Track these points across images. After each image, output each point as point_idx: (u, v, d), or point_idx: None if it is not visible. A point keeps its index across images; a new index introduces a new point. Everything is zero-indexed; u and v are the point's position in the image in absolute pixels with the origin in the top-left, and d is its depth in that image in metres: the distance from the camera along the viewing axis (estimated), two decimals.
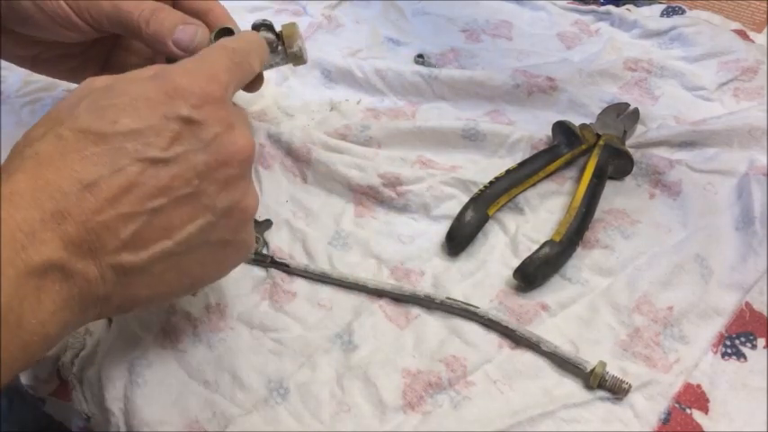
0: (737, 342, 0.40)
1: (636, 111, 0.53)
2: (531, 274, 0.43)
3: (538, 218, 0.48)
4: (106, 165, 0.29)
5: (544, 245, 0.43)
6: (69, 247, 0.28)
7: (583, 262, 0.45)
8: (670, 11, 0.63)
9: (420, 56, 0.60)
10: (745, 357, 0.40)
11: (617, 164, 0.49)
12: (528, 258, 0.43)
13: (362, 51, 0.62)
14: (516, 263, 0.43)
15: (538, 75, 0.55)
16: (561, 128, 0.50)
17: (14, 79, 0.58)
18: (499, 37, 0.63)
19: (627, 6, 0.65)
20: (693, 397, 0.38)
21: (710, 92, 0.56)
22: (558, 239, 0.44)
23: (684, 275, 0.43)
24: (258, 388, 0.39)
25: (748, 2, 0.63)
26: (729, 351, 0.40)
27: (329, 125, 0.53)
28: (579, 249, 0.45)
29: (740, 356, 0.40)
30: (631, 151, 0.49)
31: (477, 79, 0.56)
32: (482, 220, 0.46)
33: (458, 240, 0.45)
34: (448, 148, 0.52)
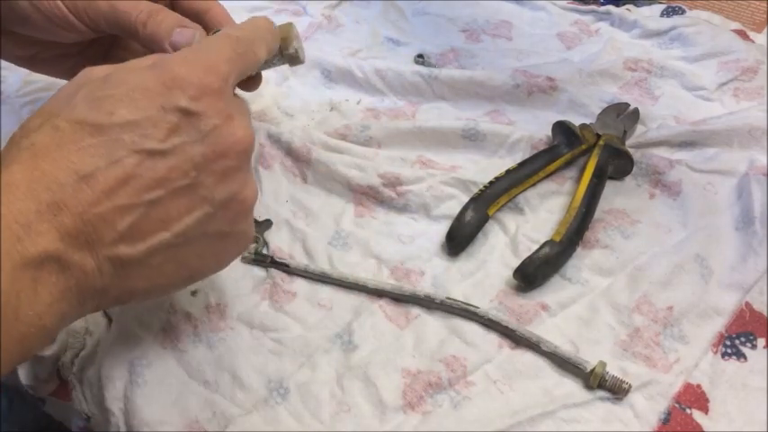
0: (737, 342, 0.40)
1: (636, 111, 0.53)
2: (531, 274, 0.43)
3: (538, 218, 0.48)
4: (103, 156, 0.28)
5: (544, 245, 0.43)
6: (66, 239, 0.27)
7: (583, 262, 0.45)
8: (670, 11, 0.63)
9: (420, 56, 0.60)
10: (745, 357, 0.40)
11: (617, 164, 0.49)
12: (528, 258, 0.43)
13: (362, 51, 0.62)
14: (516, 263, 0.43)
15: (538, 75, 0.55)
16: (561, 128, 0.50)
17: (14, 79, 0.58)
18: (499, 37, 0.63)
19: (627, 6, 0.65)
20: (693, 397, 0.38)
21: (710, 92, 0.56)
22: (558, 239, 0.44)
23: (684, 275, 0.43)
24: (258, 388, 0.39)
25: (748, 2, 0.63)
26: (729, 351, 0.40)
27: (329, 125, 0.53)
28: (579, 249, 0.45)
29: (740, 356, 0.40)
30: (631, 151, 0.49)
31: (477, 79, 0.56)
32: (482, 220, 0.46)
33: (458, 240, 0.45)
34: (448, 148, 0.52)
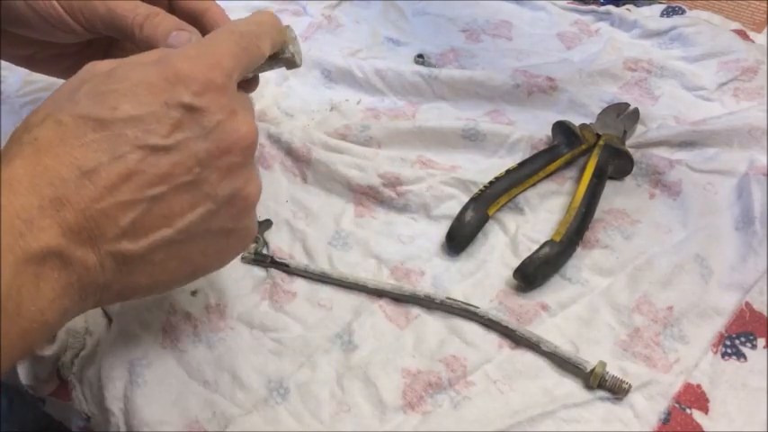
0: (737, 342, 0.40)
1: (636, 111, 0.53)
2: (531, 274, 0.43)
3: (538, 218, 0.48)
4: (106, 152, 0.28)
5: (544, 245, 0.43)
6: (68, 235, 0.27)
7: (583, 262, 0.45)
8: (670, 11, 0.63)
9: (420, 56, 0.60)
10: (745, 357, 0.40)
11: (617, 164, 0.49)
12: (528, 258, 0.43)
13: (362, 51, 0.62)
14: (516, 263, 0.43)
15: (538, 75, 0.55)
16: (561, 128, 0.50)
17: (14, 79, 0.58)
18: (499, 37, 0.63)
19: (627, 6, 0.65)
20: (693, 397, 0.38)
21: (710, 92, 0.56)
22: (558, 239, 0.44)
23: (684, 275, 0.43)
24: (258, 388, 0.39)
25: (748, 2, 0.63)
26: (729, 351, 0.40)
27: (329, 125, 0.53)
28: (579, 249, 0.45)
29: (740, 356, 0.40)
30: (631, 151, 0.49)
31: (477, 79, 0.56)
32: (482, 220, 0.46)
33: (458, 240, 0.45)
34: (448, 148, 0.52)
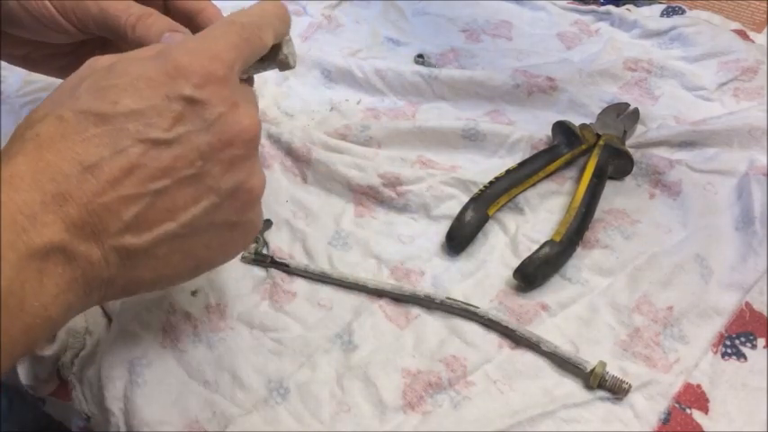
0: (737, 342, 0.40)
1: (636, 111, 0.53)
2: (531, 274, 0.43)
3: (538, 218, 0.48)
4: (107, 146, 0.28)
5: (544, 245, 0.43)
6: (71, 230, 0.27)
7: (583, 262, 0.45)
8: (670, 11, 0.63)
9: (420, 56, 0.60)
10: (745, 357, 0.40)
11: (617, 164, 0.49)
12: (528, 258, 0.43)
13: (362, 51, 0.62)
14: (516, 263, 0.43)
15: (538, 75, 0.55)
16: (561, 128, 0.50)
17: (14, 79, 0.58)
18: (499, 37, 0.63)
19: (627, 6, 0.65)
20: (693, 397, 0.38)
21: (710, 92, 0.56)
22: (558, 239, 0.44)
23: (684, 275, 0.43)
24: (258, 388, 0.39)
25: (748, 2, 0.63)
26: (729, 351, 0.40)
27: (329, 125, 0.53)
28: (579, 249, 0.45)
29: (740, 356, 0.40)
30: (631, 151, 0.49)
31: (477, 79, 0.56)
32: (482, 220, 0.46)
33: (458, 240, 0.45)
34: (448, 148, 0.52)
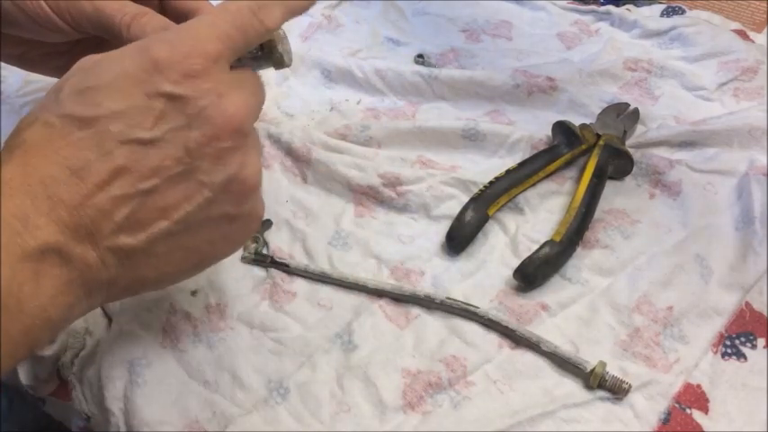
0: (737, 342, 0.40)
1: (636, 111, 0.53)
2: (531, 274, 0.43)
3: (538, 218, 0.48)
4: (93, 149, 0.29)
5: (544, 245, 0.43)
6: (66, 232, 0.28)
7: (583, 262, 0.45)
8: (670, 11, 0.63)
9: (420, 56, 0.60)
10: (745, 357, 0.40)
11: (617, 164, 0.49)
12: (528, 258, 0.43)
13: (362, 51, 0.62)
14: (516, 263, 0.43)
15: (538, 75, 0.55)
16: (561, 128, 0.50)
17: (14, 79, 0.58)
18: (499, 37, 0.63)
19: (627, 6, 0.65)
20: (693, 397, 0.38)
21: (710, 92, 0.56)
22: (558, 239, 0.44)
23: (684, 275, 0.43)
24: (258, 388, 0.39)
25: (748, 2, 0.63)
26: (729, 351, 0.40)
27: (329, 125, 0.53)
28: (579, 249, 0.45)
29: (740, 356, 0.40)
30: (631, 151, 0.49)
31: (477, 79, 0.56)
32: (482, 220, 0.46)
33: (458, 240, 0.45)
34: (448, 148, 0.52)
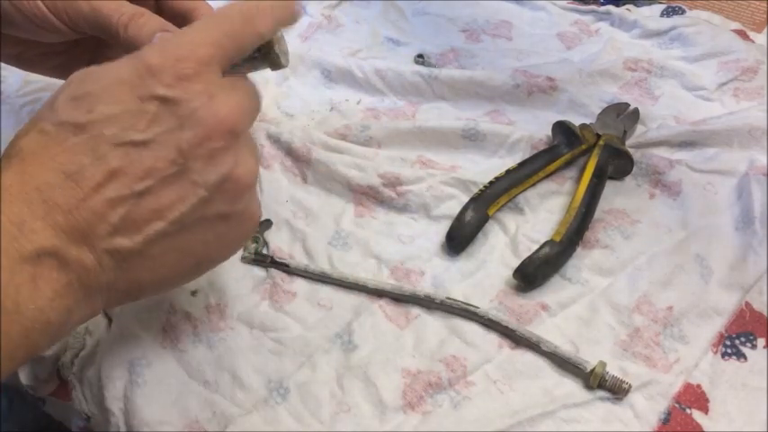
0: (737, 342, 0.40)
1: (636, 111, 0.53)
2: (531, 274, 0.43)
3: (538, 218, 0.48)
4: (87, 153, 0.29)
5: (544, 245, 0.43)
6: (62, 235, 0.28)
7: (583, 262, 0.45)
8: (670, 11, 0.63)
9: (420, 56, 0.60)
10: (745, 357, 0.40)
11: (617, 164, 0.49)
12: (528, 258, 0.43)
13: (362, 51, 0.62)
14: (516, 263, 0.43)
15: (538, 75, 0.55)
16: (561, 128, 0.50)
17: (14, 79, 0.58)
18: (499, 37, 0.63)
19: (627, 6, 0.65)
20: (693, 397, 0.38)
21: (710, 92, 0.56)
22: (558, 239, 0.44)
23: (684, 275, 0.43)
24: (258, 388, 0.39)
25: (748, 2, 0.63)
26: (729, 351, 0.40)
27: (329, 125, 0.53)
28: (579, 249, 0.45)
29: (740, 356, 0.40)
30: (631, 151, 0.49)
31: (477, 79, 0.56)
32: (482, 220, 0.46)
33: (458, 240, 0.45)
34: (448, 148, 0.52)
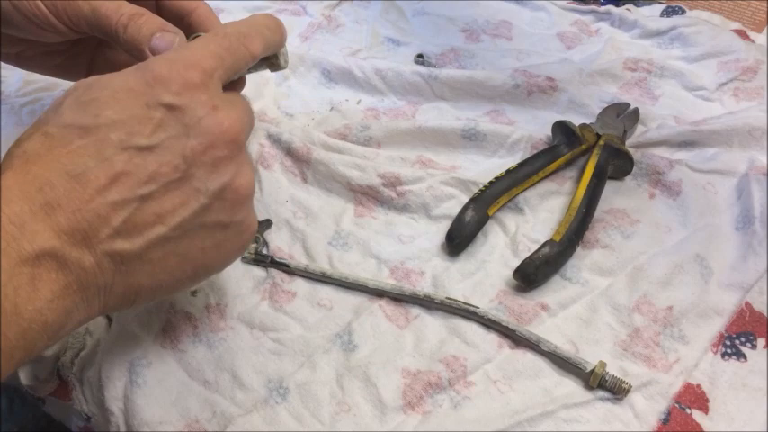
0: (737, 342, 0.40)
1: (636, 111, 0.53)
2: (531, 274, 0.43)
3: (538, 218, 0.48)
4: (92, 156, 0.29)
5: (544, 245, 0.43)
6: (62, 237, 0.28)
7: (583, 262, 0.45)
8: (670, 11, 0.63)
9: (420, 56, 0.60)
10: (745, 357, 0.40)
11: (617, 164, 0.49)
12: (528, 258, 0.43)
13: (362, 51, 0.62)
14: (516, 263, 0.43)
15: (538, 75, 0.55)
16: (561, 128, 0.50)
17: (14, 79, 0.58)
18: (499, 37, 0.63)
19: (627, 6, 0.65)
20: (693, 397, 0.38)
21: (710, 92, 0.56)
22: (558, 239, 0.44)
23: (684, 275, 0.43)
24: (258, 388, 0.39)
25: (748, 2, 0.63)
26: (729, 351, 0.40)
27: (329, 125, 0.53)
28: (579, 249, 0.45)
29: (740, 356, 0.40)
30: (631, 151, 0.49)
31: (477, 79, 0.56)
32: (482, 220, 0.46)
33: (458, 240, 0.45)
34: (448, 148, 0.52)
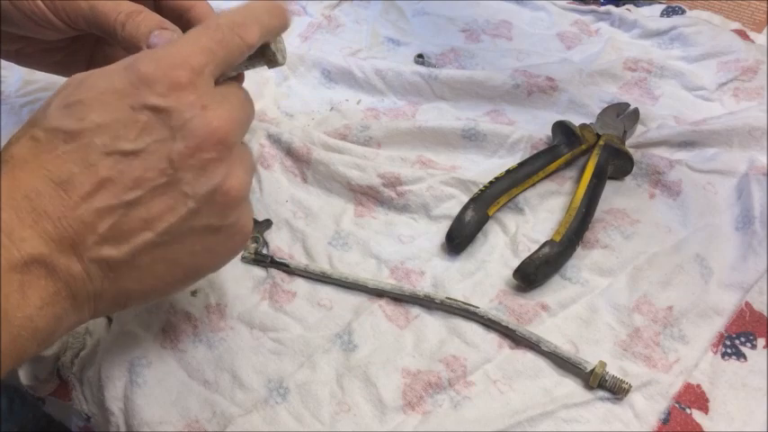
0: (737, 342, 0.40)
1: (636, 111, 0.53)
2: (532, 274, 0.43)
3: (538, 218, 0.48)
4: (77, 162, 0.29)
5: (544, 245, 0.43)
6: (50, 244, 0.28)
7: (583, 262, 0.45)
8: (670, 11, 0.63)
9: (420, 56, 0.60)
10: (745, 357, 0.40)
11: (617, 164, 0.49)
12: (528, 258, 0.43)
13: (362, 51, 0.62)
14: (516, 263, 0.43)
15: (538, 75, 0.55)
16: (561, 128, 0.50)
17: (14, 79, 0.58)
18: (499, 37, 0.63)
19: (627, 6, 0.65)
20: (693, 397, 0.38)
21: (710, 92, 0.56)
22: (558, 239, 0.44)
23: (684, 275, 0.43)
24: (258, 388, 0.39)
25: (748, 2, 0.63)
26: (729, 351, 0.40)
27: (329, 125, 0.53)
28: (579, 249, 0.45)
29: (740, 356, 0.40)
30: (631, 151, 0.49)
31: (477, 79, 0.56)
32: (482, 220, 0.46)
33: (458, 240, 0.45)
34: (448, 148, 0.52)
